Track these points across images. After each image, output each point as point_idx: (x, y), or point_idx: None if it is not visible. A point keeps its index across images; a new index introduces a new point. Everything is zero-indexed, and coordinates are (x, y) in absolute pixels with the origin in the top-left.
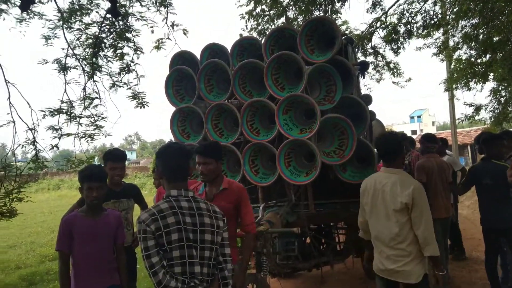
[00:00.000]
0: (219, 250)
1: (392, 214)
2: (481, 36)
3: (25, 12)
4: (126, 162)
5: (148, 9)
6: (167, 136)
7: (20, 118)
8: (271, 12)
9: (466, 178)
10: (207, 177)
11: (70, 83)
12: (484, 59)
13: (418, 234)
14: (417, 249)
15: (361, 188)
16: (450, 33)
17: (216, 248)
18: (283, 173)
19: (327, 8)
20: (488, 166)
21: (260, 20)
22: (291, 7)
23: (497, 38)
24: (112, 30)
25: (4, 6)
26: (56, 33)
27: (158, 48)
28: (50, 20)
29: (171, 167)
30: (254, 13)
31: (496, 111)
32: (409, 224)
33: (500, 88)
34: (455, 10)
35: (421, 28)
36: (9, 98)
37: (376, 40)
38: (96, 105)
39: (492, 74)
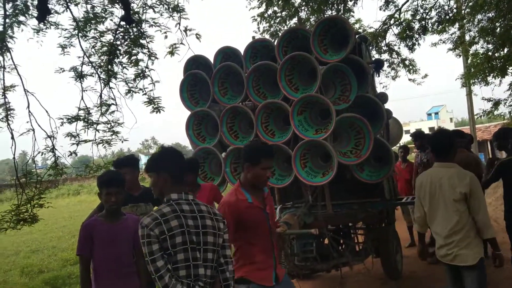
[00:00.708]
0: (220, 252)
1: (452, 204)
2: (498, 30)
3: (42, 23)
4: (144, 167)
5: (161, 15)
6: (183, 140)
7: (39, 126)
8: (283, 13)
9: (493, 174)
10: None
11: (86, 90)
12: (502, 52)
13: (478, 220)
14: (473, 234)
15: (417, 184)
16: (466, 28)
17: (218, 250)
18: (299, 174)
19: (340, 7)
20: None
21: (272, 22)
22: (303, 8)
23: None
24: (126, 37)
25: (22, 18)
26: (72, 42)
27: (172, 53)
28: (66, 29)
29: (175, 171)
30: (266, 15)
31: None
32: (467, 212)
33: None
34: (470, 4)
35: (436, 23)
36: (28, 107)
37: (391, 37)
38: (113, 111)
39: (511, 67)
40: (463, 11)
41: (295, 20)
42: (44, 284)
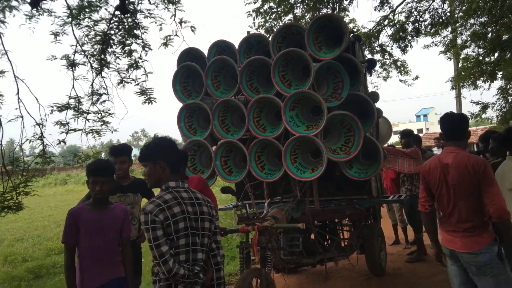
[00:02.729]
0: (212, 237)
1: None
2: (489, 35)
3: (35, 9)
4: (133, 158)
5: (157, 6)
6: (174, 133)
7: (28, 113)
8: (279, 9)
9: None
10: None
11: (78, 79)
12: (492, 57)
13: None
14: None
15: (496, 173)
16: (458, 31)
17: (211, 235)
18: (289, 169)
19: (335, 6)
20: None
21: (267, 18)
22: (298, 5)
23: (506, 36)
24: (120, 27)
25: (14, 3)
26: (65, 30)
27: (166, 44)
28: (59, 17)
29: (172, 160)
30: (261, 10)
31: (504, 109)
32: None
33: (508, 87)
34: (463, 8)
35: (429, 26)
36: (17, 93)
37: (384, 38)
38: (104, 101)
39: (500, 72)
40: (456, 15)
41: (290, 16)
42: (28, 273)
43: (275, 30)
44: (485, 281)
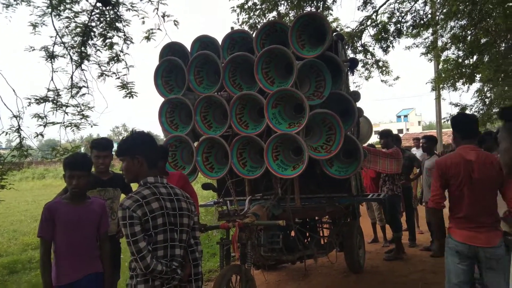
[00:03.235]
0: (191, 233)
1: None
2: (469, 38)
3: None
4: (113, 153)
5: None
6: (155, 129)
7: (5, 104)
8: (263, 6)
9: None
10: None
11: (57, 71)
12: (471, 60)
13: None
14: None
15: None
16: (439, 33)
17: (189, 231)
18: (270, 167)
19: (319, 4)
20: None
21: (251, 14)
22: (282, 2)
23: (484, 40)
24: (102, 19)
25: None
26: (44, 21)
27: (148, 38)
28: (38, 7)
29: (150, 155)
30: (246, 6)
31: (481, 111)
32: None
33: (485, 89)
34: (444, 10)
35: (411, 27)
36: None
37: (366, 38)
38: (83, 94)
39: (478, 75)
40: (437, 17)
41: (274, 13)
42: (2, 268)
43: (259, 26)
44: (499, 276)
